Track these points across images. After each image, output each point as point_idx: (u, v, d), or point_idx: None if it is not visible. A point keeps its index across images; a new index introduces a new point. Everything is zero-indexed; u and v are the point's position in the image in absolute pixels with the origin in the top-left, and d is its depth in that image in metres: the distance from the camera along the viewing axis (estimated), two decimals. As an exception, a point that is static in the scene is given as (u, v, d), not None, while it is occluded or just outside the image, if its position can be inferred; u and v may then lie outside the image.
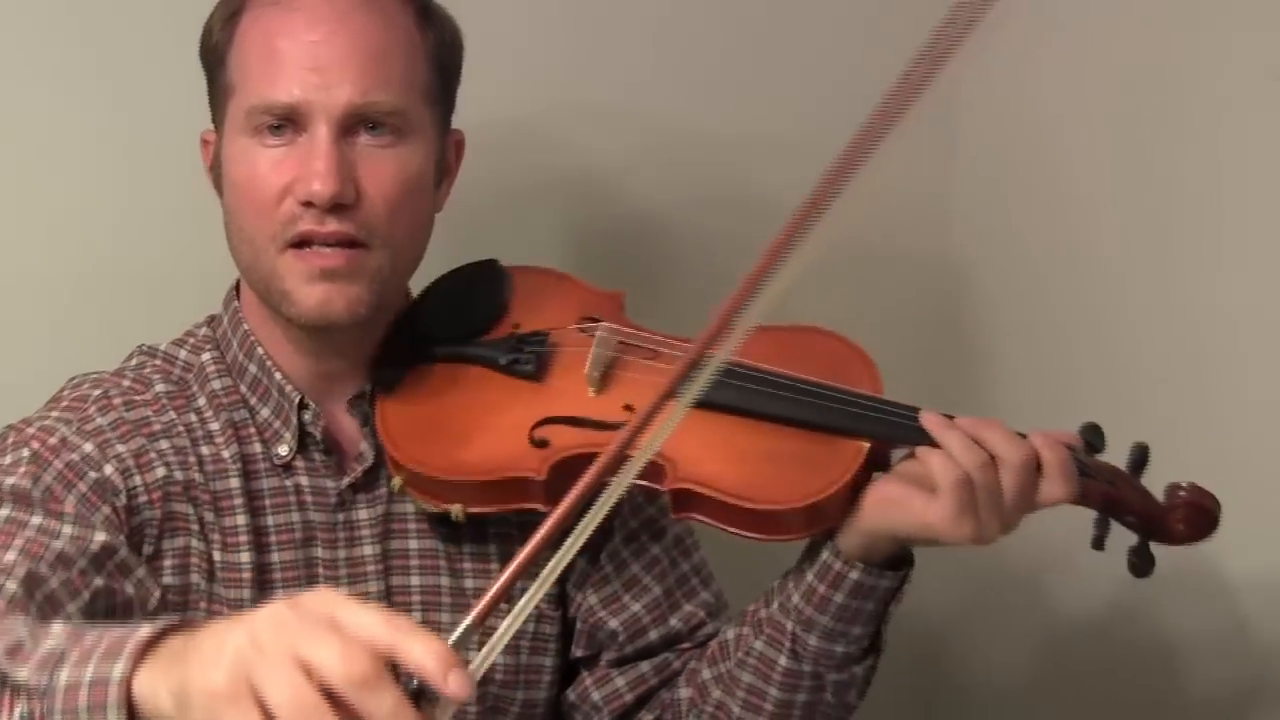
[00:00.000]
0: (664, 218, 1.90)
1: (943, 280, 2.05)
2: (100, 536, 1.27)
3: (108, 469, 1.33)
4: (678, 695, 1.46)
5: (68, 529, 1.26)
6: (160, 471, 1.36)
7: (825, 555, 1.34)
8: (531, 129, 1.81)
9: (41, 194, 1.67)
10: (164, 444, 1.37)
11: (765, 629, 1.39)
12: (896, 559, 1.36)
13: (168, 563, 1.35)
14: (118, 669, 0.94)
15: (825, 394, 1.36)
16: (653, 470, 1.35)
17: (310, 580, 1.40)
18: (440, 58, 1.42)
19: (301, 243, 1.34)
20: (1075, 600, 1.86)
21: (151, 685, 0.93)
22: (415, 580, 1.43)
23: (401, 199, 1.37)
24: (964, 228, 2.04)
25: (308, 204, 1.33)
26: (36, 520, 1.25)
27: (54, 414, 1.37)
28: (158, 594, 1.32)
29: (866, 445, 1.34)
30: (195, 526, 1.36)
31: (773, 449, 1.36)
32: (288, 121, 1.34)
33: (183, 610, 1.35)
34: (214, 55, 1.39)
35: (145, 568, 1.32)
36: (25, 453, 1.31)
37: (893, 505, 1.32)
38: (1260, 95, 1.59)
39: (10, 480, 1.28)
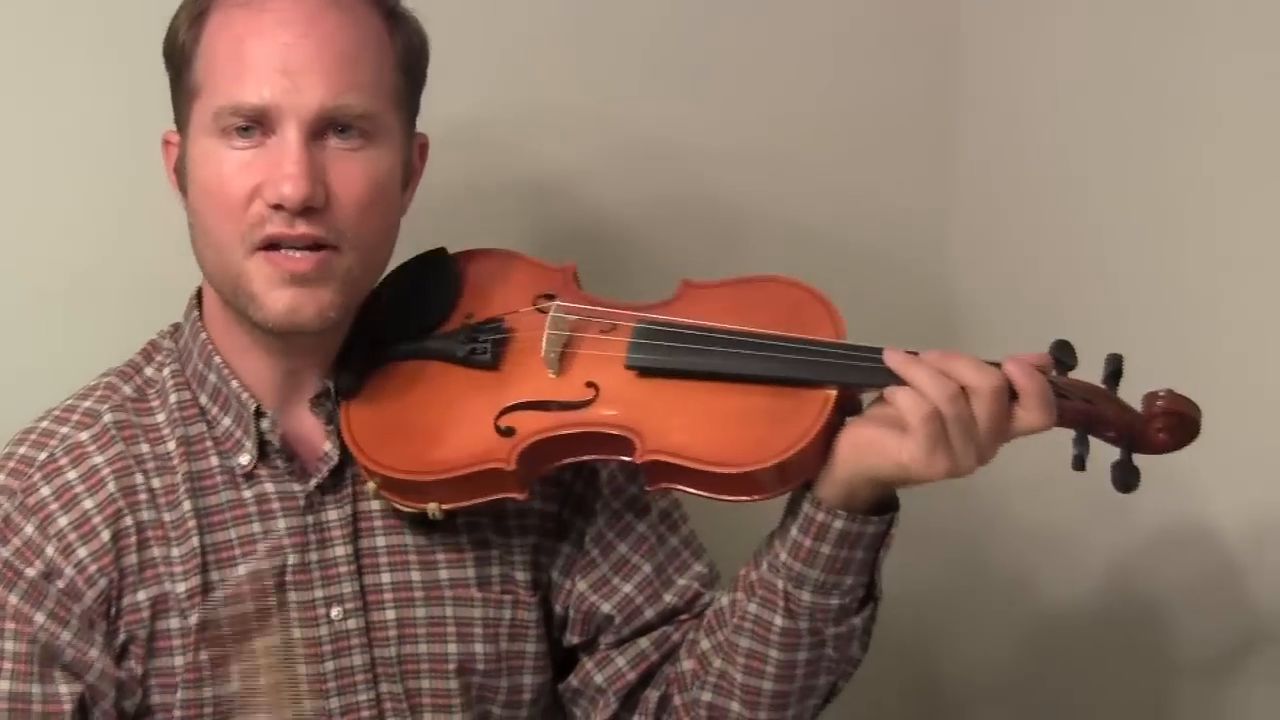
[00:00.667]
0: (627, 221, 1.88)
1: (940, 290, 2.05)
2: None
3: (49, 550, 1.36)
4: (681, 668, 1.44)
5: (4, 685, 1.34)
6: (105, 535, 1.37)
7: (807, 508, 1.32)
8: (494, 131, 1.80)
9: (39, 194, 1.68)
10: (112, 487, 1.38)
11: (758, 590, 1.37)
12: (881, 503, 1.33)
13: (126, 619, 1.37)
14: None
15: (784, 346, 1.34)
16: (622, 444, 1.34)
17: (279, 588, 1.39)
18: (408, 61, 1.42)
19: (270, 245, 1.34)
20: (1069, 594, 1.85)
21: None
22: (386, 577, 1.43)
23: (370, 202, 1.36)
24: (962, 238, 2.03)
25: (277, 206, 1.32)
26: None
27: (1, 479, 1.39)
28: (110, 665, 1.36)
29: (833, 393, 1.32)
30: (159, 570, 1.38)
31: (739, 407, 1.34)
32: (256, 123, 1.33)
33: (157, 653, 1.38)
34: (179, 55, 1.38)
35: (97, 647, 1.36)
36: None
37: (866, 449, 1.30)
38: (1261, 99, 1.58)
39: None
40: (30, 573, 1.35)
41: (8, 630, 1.35)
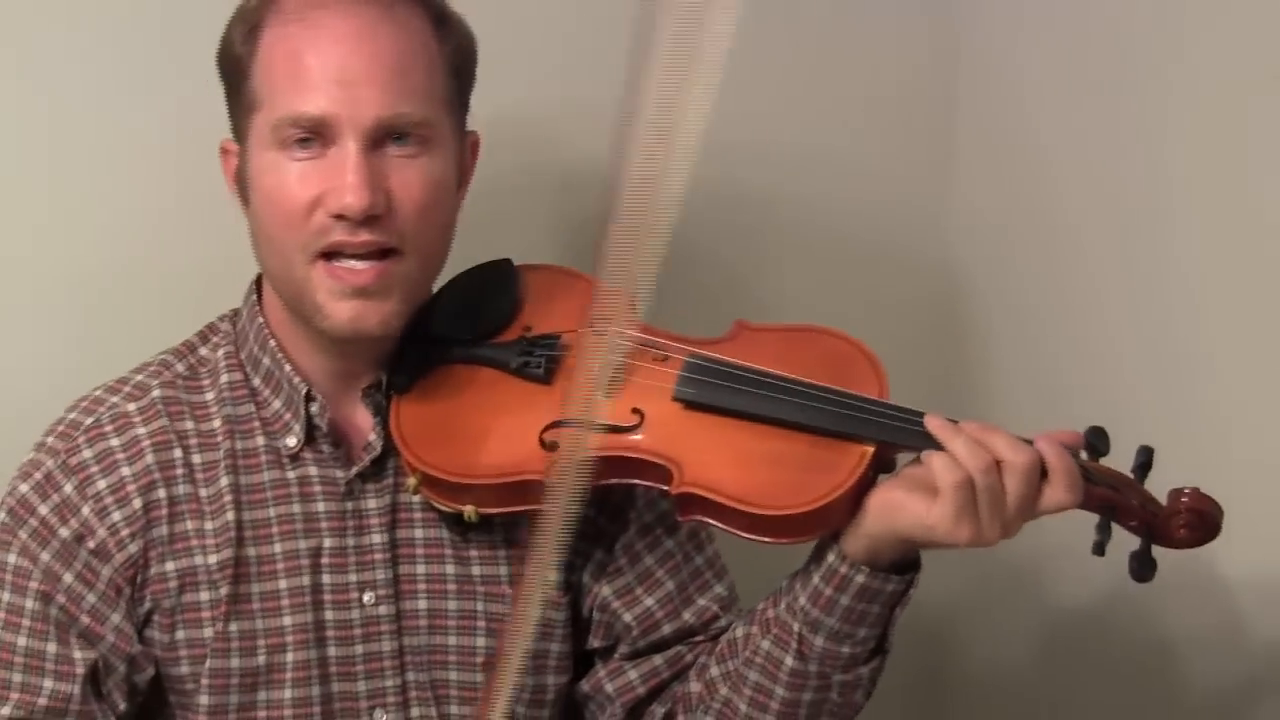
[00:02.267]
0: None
1: (940, 284, 2.06)
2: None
3: (85, 510, 1.41)
4: (688, 689, 1.48)
5: (21, 640, 1.39)
6: (137, 503, 1.42)
7: (831, 558, 1.36)
8: (532, 126, 1.82)
9: (50, 195, 1.70)
10: (150, 459, 1.43)
11: (772, 629, 1.41)
12: (904, 563, 1.37)
13: (153, 588, 1.42)
14: None
15: (829, 398, 1.37)
16: (660, 473, 1.37)
17: (314, 570, 1.44)
18: (458, 64, 1.45)
19: (331, 253, 1.38)
20: (1078, 596, 1.87)
21: None
22: (421, 569, 1.46)
23: (429, 205, 1.40)
24: (961, 233, 2.04)
25: (339, 216, 1.36)
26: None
27: (49, 440, 1.44)
28: (127, 638, 1.41)
29: (870, 449, 1.36)
30: (190, 543, 1.42)
31: (778, 452, 1.37)
32: (315, 135, 1.36)
33: (185, 624, 1.42)
34: (236, 69, 1.41)
35: (119, 613, 1.41)
36: (4, 512, 1.42)
37: (895, 508, 1.33)
38: (1263, 100, 1.59)
39: None
40: (64, 532, 1.40)
41: (31, 588, 1.39)
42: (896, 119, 2.02)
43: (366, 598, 1.44)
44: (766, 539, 1.36)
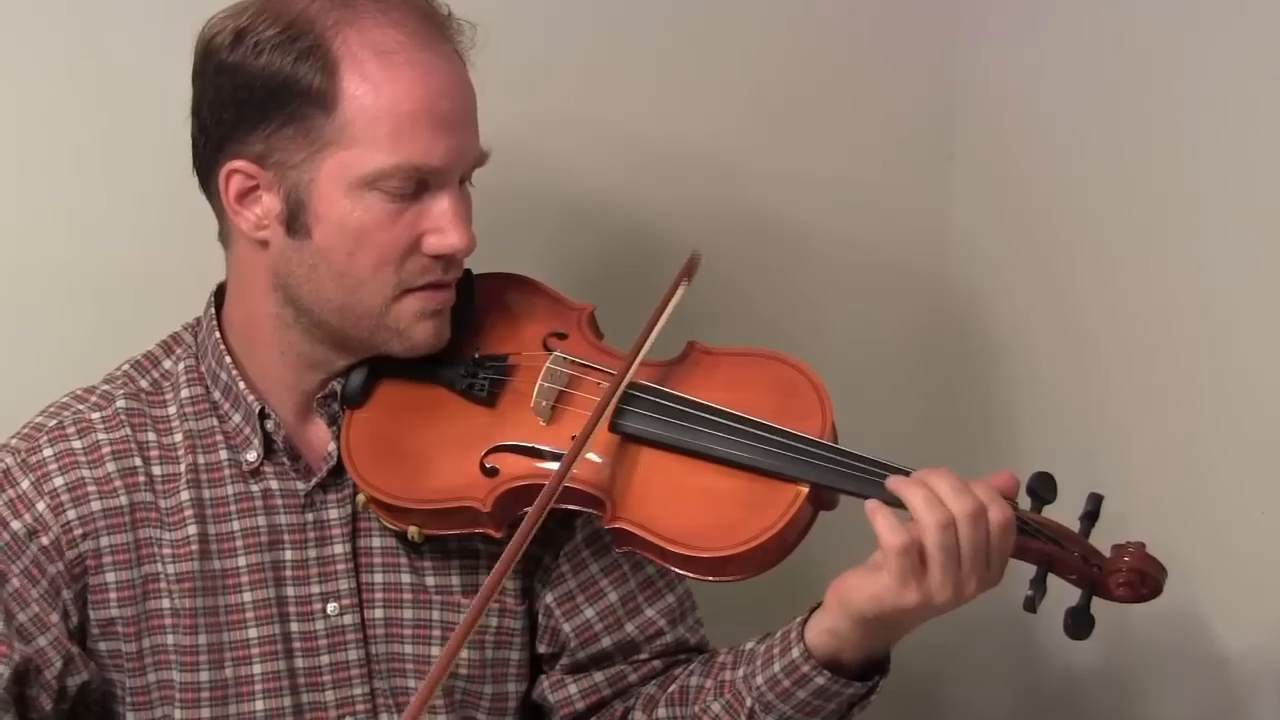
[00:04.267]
0: (641, 228, 1.89)
1: (940, 295, 2.03)
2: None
3: (40, 506, 1.41)
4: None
5: None
6: (95, 505, 1.42)
7: (795, 654, 1.34)
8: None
9: (35, 194, 1.71)
10: (110, 466, 1.44)
11: (726, 693, 1.40)
12: (870, 662, 1.35)
13: (113, 595, 1.42)
14: None
15: (767, 436, 1.35)
16: (595, 502, 1.37)
17: (278, 583, 1.45)
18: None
19: (424, 288, 1.40)
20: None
21: None
22: (379, 578, 1.48)
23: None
24: (962, 243, 2.01)
25: (440, 256, 1.39)
26: None
27: (13, 440, 1.46)
28: (66, 636, 1.40)
29: (805, 490, 1.33)
30: (153, 550, 1.43)
31: (712, 488, 1.36)
32: (421, 180, 1.37)
33: (150, 631, 1.43)
34: (299, 101, 1.35)
35: (58, 613, 1.40)
36: None
37: (850, 590, 1.31)
38: (1264, 101, 1.54)
39: None
40: (16, 525, 1.41)
41: None
42: (897, 123, 1.99)
43: (330, 608, 1.46)
44: (702, 577, 1.35)
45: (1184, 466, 1.56)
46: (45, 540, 1.41)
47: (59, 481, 1.42)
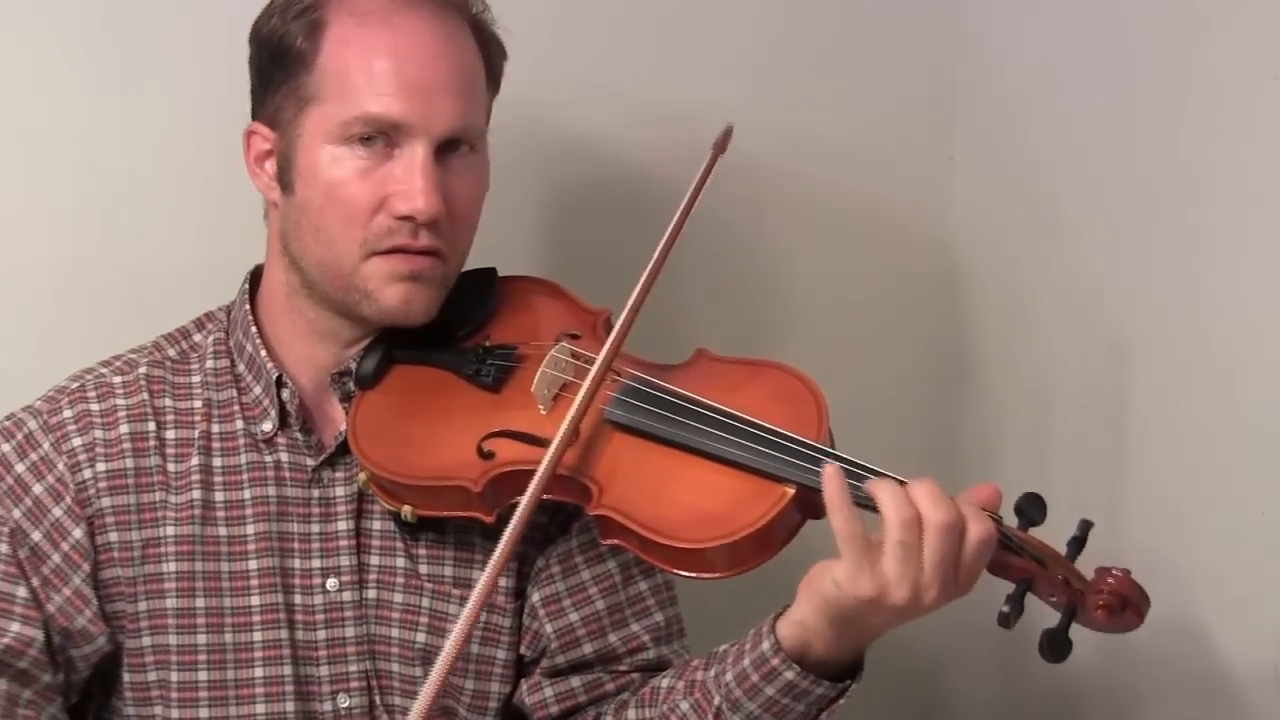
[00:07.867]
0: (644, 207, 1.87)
1: (941, 290, 2.04)
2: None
3: (60, 466, 1.45)
4: None
5: None
6: (102, 466, 1.46)
7: (765, 646, 1.33)
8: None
9: (39, 191, 1.74)
10: (124, 429, 1.47)
11: (695, 693, 1.38)
12: (843, 666, 1.33)
13: (116, 555, 1.45)
14: None
15: (757, 434, 1.35)
16: (583, 491, 1.37)
17: (284, 553, 1.47)
18: (494, 73, 1.50)
19: (391, 251, 1.42)
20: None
21: None
22: (375, 559, 1.49)
23: (472, 214, 1.47)
24: (963, 237, 2.02)
25: (405, 218, 1.41)
26: None
27: (38, 402, 1.50)
28: (93, 601, 1.44)
29: (791, 491, 1.32)
30: (157, 514, 1.46)
31: (699, 483, 1.35)
32: (382, 134, 1.40)
33: (148, 595, 1.45)
34: (292, 60, 1.43)
35: (80, 575, 1.43)
36: None
37: (816, 574, 1.30)
38: (1264, 100, 1.54)
39: None
40: (38, 489, 1.45)
41: (4, 533, 1.43)
42: (898, 114, 2.02)
43: (330, 583, 1.47)
44: (684, 573, 1.34)
45: (1184, 467, 1.55)
46: (68, 500, 1.45)
47: (76, 442, 1.46)
